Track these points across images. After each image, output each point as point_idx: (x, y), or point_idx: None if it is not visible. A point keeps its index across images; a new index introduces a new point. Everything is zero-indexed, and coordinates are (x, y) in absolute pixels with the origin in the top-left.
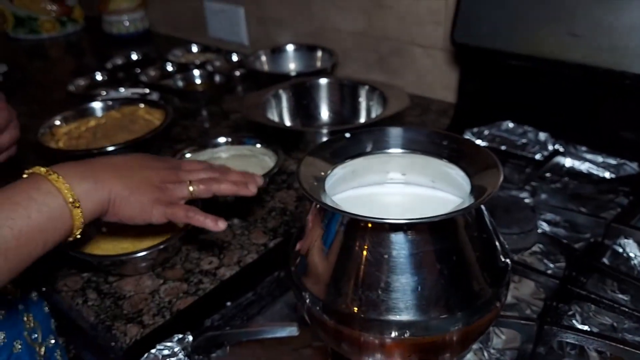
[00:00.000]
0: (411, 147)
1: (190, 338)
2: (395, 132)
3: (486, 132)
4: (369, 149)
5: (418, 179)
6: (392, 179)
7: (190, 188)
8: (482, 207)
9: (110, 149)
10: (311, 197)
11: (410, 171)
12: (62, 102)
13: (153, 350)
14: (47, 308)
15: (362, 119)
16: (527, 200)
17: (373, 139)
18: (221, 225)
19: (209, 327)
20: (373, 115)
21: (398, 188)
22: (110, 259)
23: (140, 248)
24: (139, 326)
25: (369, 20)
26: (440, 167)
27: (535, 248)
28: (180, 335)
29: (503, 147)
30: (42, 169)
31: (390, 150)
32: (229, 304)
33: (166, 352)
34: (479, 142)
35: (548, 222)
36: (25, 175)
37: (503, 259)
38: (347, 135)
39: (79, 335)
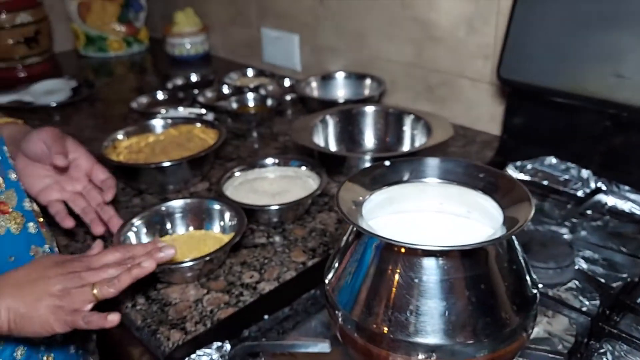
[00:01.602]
0: (447, 177)
1: (229, 347)
2: (432, 162)
3: (529, 167)
4: (406, 178)
5: (452, 208)
6: (427, 207)
7: (95, 291)
8: (514, 238)
9: (167, 164)
10: (349, 220)
11: (445, 200)
12: (125, 117)
13: (193, 356)
14: (73, 349)
15: (406, 148)
16: (566, 237)
17: (411, 168)
18: (111, 319)
19: (246, 338)
20: (417, 144)
21: (433, 216)
22: (160, 267)
23: (187, 259)
24: (182, 332)
25: (420, 51)
26: (475, 198)
27: (571, 284)
28: (219, 344)
29: (545, 182)
30: None
31: (427, 180)
32: (266, 317)
33: (205, 358)
34: (521, 176)
35: (586, 259)
36: None
37: (532, 291)
38: (387, 163)
39: None
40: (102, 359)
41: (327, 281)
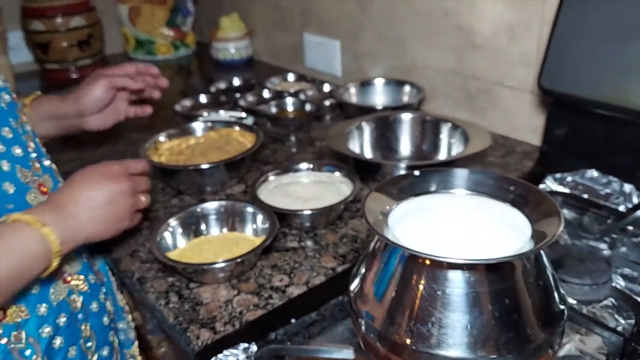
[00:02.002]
0: (476, 189)
1: (255, 348)
2: (461, 174)
3: (569, 179)
4: (434, 188)
5: (480, 220)
6: (454, 218)
7: (142, 198)
8: (542, 253)
9: (205, 166)
10: (374, 230)
11: (472, 212)
12: (168, 119)
13: (220, 356)
14: (106, 319)
15: (443, 156)
16: (605, 252)
17: (440, 179)
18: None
19: (272, 340)
20: (453, 152)
21: (459, 228)
22: (194, 267)
23: (220, 259)
24: (211, 332)
25: (460, 59)
26: (503, 210)
27: (607, 302)
28: (246, 345)
29: (585, 196)
30: (29, 218)
31: (455, 191)
32: (293, 320)
33: (232, 358)
34: (560, 188)
35: (624, 276)
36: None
37: (559, 307)
38: (417, 173)
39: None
40: None
41: (352, 288)
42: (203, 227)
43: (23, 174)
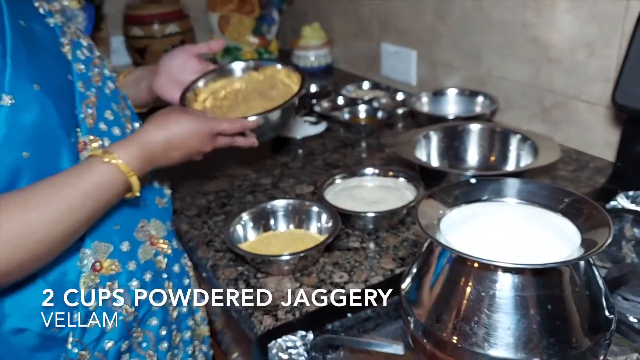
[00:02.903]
0: (527, 198)
1: (311, 336)
2: (513, 183)
3: None
4: (486, 197)
5: (529, 228)
6: (504, 225)
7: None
8: (591, 262)
9: (252, 119)
10: (426, 233)
11: (522, 220)
12: None
13: (279, 340)
14: (187, 280)
15: (510, 167)
16: None
17: (492, 188)
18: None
19: (328, 330)
20: (522, 164)
21: (509, 234)
22: (262, 258)
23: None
24: (273, 319)
25: (536, 71)
26: (553, 219)
27: None
28: (304, 333)
29: None
30: (98, 151)
31: (506, 199)
32: (349, 315)
33: (290, 344)
34: (632, 206)
35: None
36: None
37: (607, 318)
38: (473, 180)
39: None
40: None
41: (403, 287)
42: (272, 222)
43: None
